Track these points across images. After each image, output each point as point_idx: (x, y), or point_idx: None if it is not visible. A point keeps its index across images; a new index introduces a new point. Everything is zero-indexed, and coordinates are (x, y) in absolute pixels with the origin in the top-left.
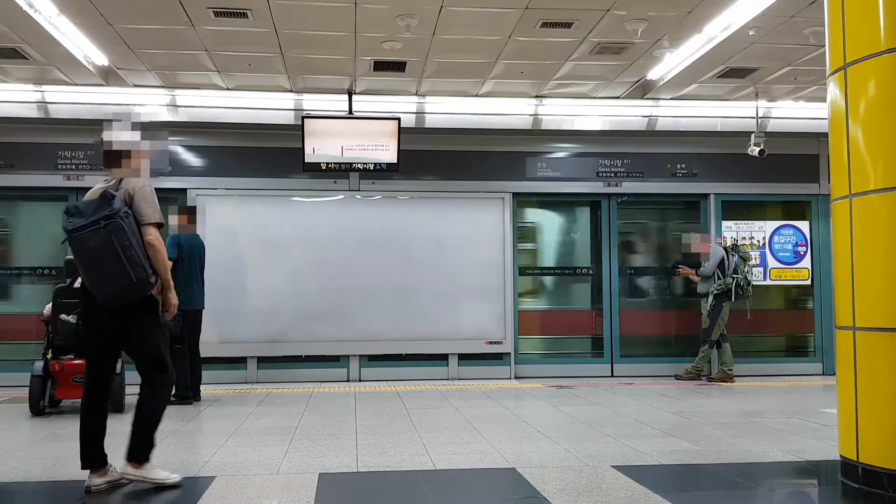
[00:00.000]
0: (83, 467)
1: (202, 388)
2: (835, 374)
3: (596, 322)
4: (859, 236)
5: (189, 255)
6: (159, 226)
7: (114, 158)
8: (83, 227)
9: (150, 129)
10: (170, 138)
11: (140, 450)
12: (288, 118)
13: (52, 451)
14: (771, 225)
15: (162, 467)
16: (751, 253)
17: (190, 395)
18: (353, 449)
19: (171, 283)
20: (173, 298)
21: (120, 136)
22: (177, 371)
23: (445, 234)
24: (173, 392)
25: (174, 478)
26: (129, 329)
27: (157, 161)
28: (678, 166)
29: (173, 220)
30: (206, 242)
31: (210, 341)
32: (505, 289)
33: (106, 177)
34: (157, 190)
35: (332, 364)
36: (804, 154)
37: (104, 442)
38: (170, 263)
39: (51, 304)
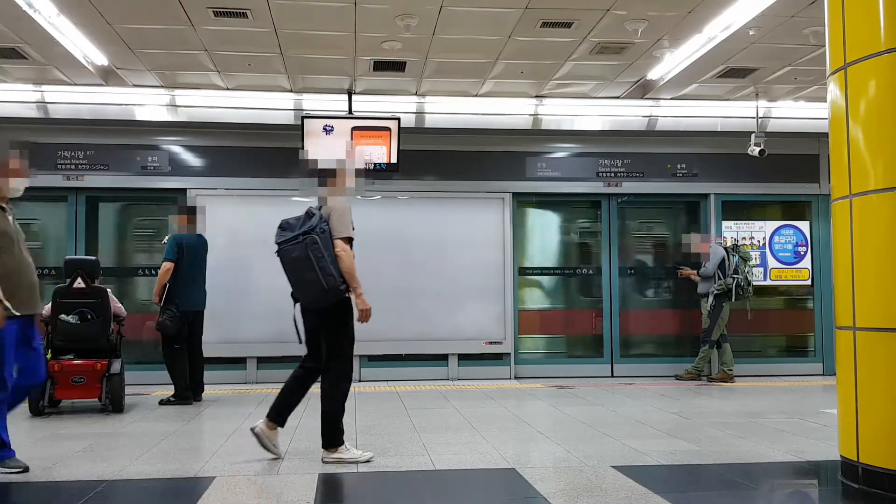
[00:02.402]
0: (267, 415)
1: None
2: (835, 374)
3: (596, 322)
4: (859, 236)
5: (190, 256)
6: (349, 240)
7: (322, 178)
8: (287, 240)
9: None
10: (171, 138)
11: (330, 437)
12: (288, 118)
13: (52, 451)
14: (771, 225)
15: (355, 447)
16: (751, 253)
17: (189, 395)
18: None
19: (360, 289)
20: (361, 304)
21: (328, 161)
22: (175, 371)
23: (445, 235)
24: (172, 393)
25: (367, 455)
26: (324, 326)
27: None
28: (678, 166)
29: (174, 221)
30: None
31: (210, 341)
32: (505, 289)
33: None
34: (155, 190)
35: None
36: (804, 154)
37: (292, 411)
38: (167, 266)
39: (50, 304)
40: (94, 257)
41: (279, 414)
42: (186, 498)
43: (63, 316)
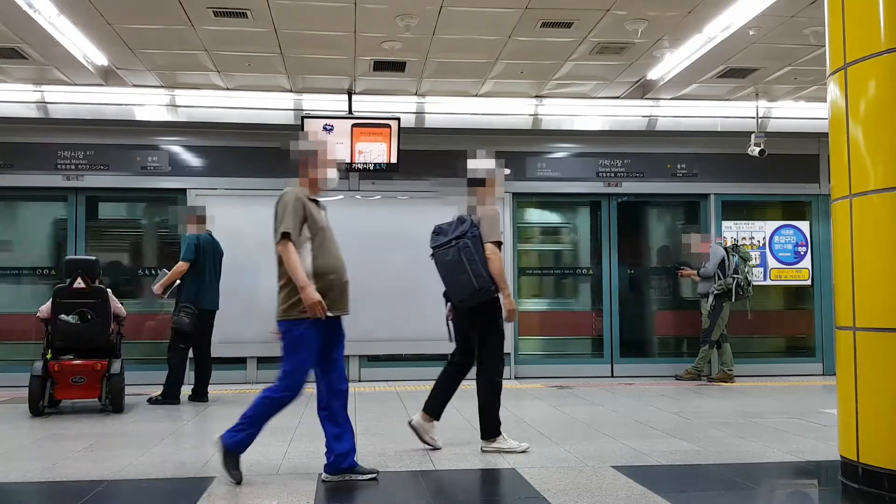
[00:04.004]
0: (424, 408)
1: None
2: (835, 374)
3: (596, 322)
4: (859, 236)
5: (207, 256)
6: (498, 244)
7: (474, 185)
8: (441, 244)
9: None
10: (171, 138)
11: (488, 428)
12: (288, 118)
13: (52, 451)
14: (771, 225)
15: (512, 438)
16: (751, 253)
17: (178, 394)
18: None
19: (508, 290)
20: (509, 304)
21: (478, 165)
22: (177, 371)
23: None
24: (161, 392)
25: (524, 446)
26: (475, 325)
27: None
28: (678, 166)
29: (187, 223)
30: None
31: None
32: None
33: None
34: (155, 190)
35: None
36: (804, 154)
37: (446, 404)
38: (185, 266)
39: (50, 303)
40: (94, 257)
41: (437, 408)
42: (186, 498)
43: (63, 316)
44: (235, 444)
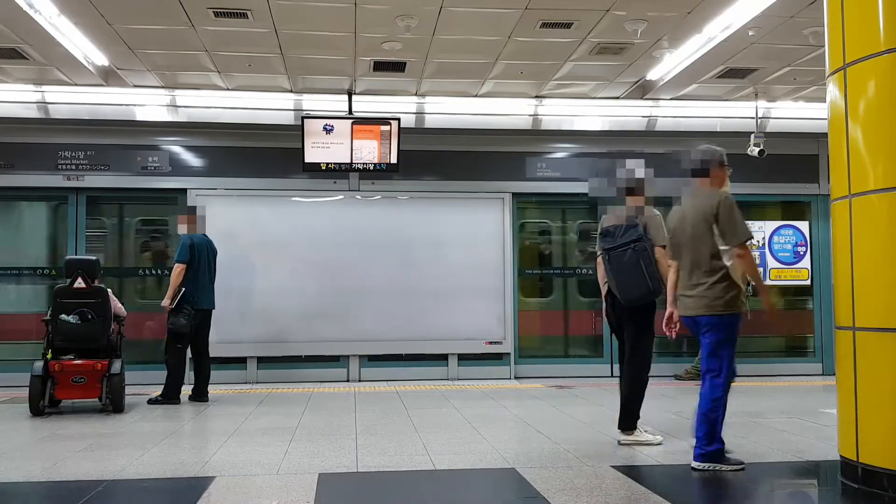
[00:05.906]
0: (619, 427)
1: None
2: (835, 374)
3: (596, 322)
4: (859, 236)
5: (201, 256)
6: (664, 248)
7: (629, 191)
8: (616, 246)
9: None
10: (171, 138)
11: (627, 421)
12: (288, 118)
13: (52, 451)
14: (771, 225)
15: (649, 431)
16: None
17: (178, 394)
18: (353, 449)
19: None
20: (669, 310)
21: (634, 174)
22: (176, 372)
23: (445, 234)
24: (161, 392)
25: (657, 439)
26: (633, 322)
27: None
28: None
29: (180, 222)
30: None
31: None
32: (505, 289)
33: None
34: (155, 190)
35: (332, 364)
36: (804, 154)
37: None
38: (181, 267)
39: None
40: (94, 257)
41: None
42: (187, 498)
43: (63, 316)
44: (715, 453)
